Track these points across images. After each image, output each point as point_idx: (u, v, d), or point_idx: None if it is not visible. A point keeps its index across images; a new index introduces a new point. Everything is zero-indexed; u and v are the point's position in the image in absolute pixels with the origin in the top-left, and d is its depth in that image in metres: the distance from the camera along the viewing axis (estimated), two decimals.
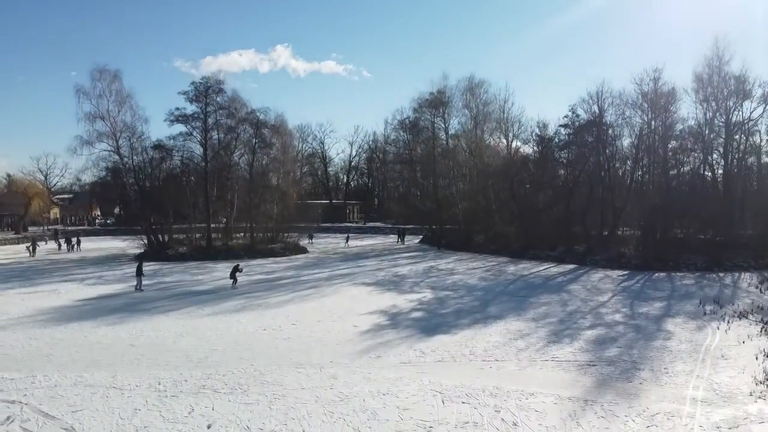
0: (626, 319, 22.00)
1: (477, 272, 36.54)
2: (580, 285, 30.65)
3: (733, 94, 49.54)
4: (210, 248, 45.48)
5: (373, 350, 17.67)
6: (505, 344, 18.29)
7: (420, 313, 23.70)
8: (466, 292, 28.75)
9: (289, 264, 41.90)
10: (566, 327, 20.74)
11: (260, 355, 17.19)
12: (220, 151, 46.56)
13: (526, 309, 24.14)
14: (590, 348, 17.76)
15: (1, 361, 16.74)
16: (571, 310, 23.86)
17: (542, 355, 17.01)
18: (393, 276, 34.87)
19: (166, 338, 19.40)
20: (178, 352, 17.56)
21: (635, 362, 16.12)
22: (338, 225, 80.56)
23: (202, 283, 32.56)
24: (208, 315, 23.39)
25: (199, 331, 20.44)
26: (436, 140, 54.46)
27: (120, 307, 25.07)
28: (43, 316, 23.33)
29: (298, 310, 24.33)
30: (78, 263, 43.66)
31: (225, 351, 17.72)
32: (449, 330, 20.33)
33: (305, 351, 17.57)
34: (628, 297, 26.82)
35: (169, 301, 26.77)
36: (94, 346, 18.36)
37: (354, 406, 12.88)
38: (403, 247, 56.11)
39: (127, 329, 20.76)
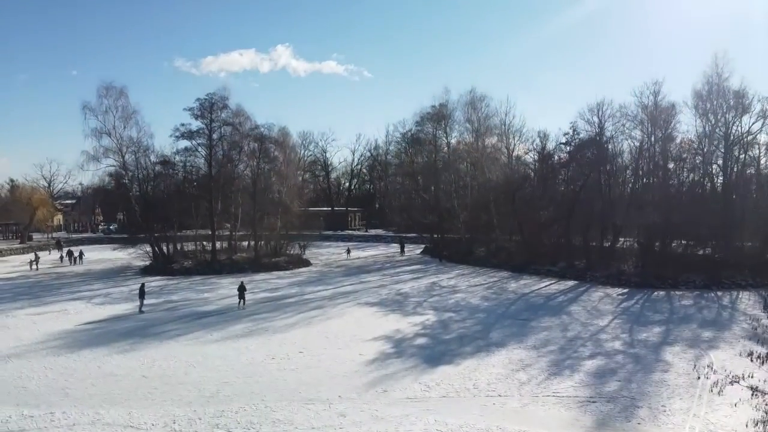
0: (625, 347, 22.51)
1: (479, 290, 37.05)
2: (581, 306, 31.16)
3: (732, 108, 50.21)
4: (214, 262, 46.03)
5: (379, 383, 18.19)
6: (507, 377, 18.81)
7: (424, 339, 24.21)
8: (469, 314, 29.26)
9: (292, 279, 42.41)
10: (567, 356, 21.25)
11: (270, 389, 17.70)
12: (225, 165, 47.06)
13: (527, 335, 24.65)
14: (590, 381, 18.27)
15: (19, 395, 17.28)
16: (572, 336, 24.38)
17: (543, 390, 17.53)
18: (396, 294, 35.37)
19: (177, 369, 19.92)
20: (190, 385, 18.08)
21: (634, 398, 16.62)
22: (340, 233, 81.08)
23: (208, 302, 33.09)
24: (216, 341, 23.91)
25: (209, 360, 20.96)
26: (438, 153, 55.05)
27: (130, 332, 25.60)
28: (56, 342, 23.86)
29: (304, 335, 24.84)
30: (84, 278, 44.18)
31: (235, 384, 18.24)
32: (453, 360, 20.85)
33: (313, 384, 18.08)
34: (627, 321, 27.32)
35: (177, 324, 27.30)
36: (108, 378, 18.88)
37: None
38: (405, 259, 56.59)
39: (138, 358, 21.29)
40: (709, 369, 10.96)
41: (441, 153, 55.47)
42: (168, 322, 27.75)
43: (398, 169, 64.17)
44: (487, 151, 55.09)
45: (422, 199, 55.54)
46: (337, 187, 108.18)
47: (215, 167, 46.33)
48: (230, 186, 48.40)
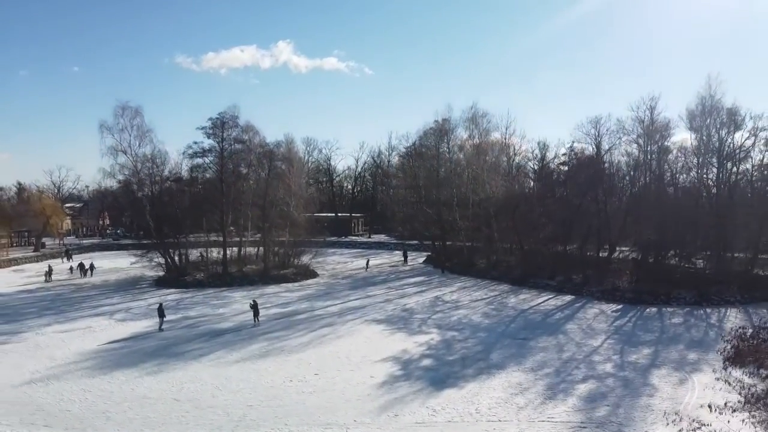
0: (616, 370, 24.33)
1: (480, 305, 38.88)
2: (576, 324, 32.98)
3: (725, 125, 52.10)
4: (226, 275, 47.88)
5: (390, 407, 20.03)
6: (506, 401, 20.64)
7: (429, 360, 26.04)
8: (471, 333, 31.09)
9: (301, 292, 44.26)
10: (561, 380, 23.08)
11: (291, 413, 19.54)
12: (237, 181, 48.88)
13: (525, 356, 26.48)
14: (582, 406, 20.11)
15: (65, 419, 19.14)
16: (567, 358, 26.21)
17: (539, 415, 19.37)
18: (401, 311, 37.19)
19: (204, 392, 21.78)
20: (218, 409, 19.93)
21: (621, 424, 18.45)
22: (344, 240, 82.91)
23: (224, 319, 34.92)
24: (236, 362, 25.77)
25: (232, 383, 22.80)
26: (440, 167, 56.91)
27: (154, 352, 27.47)
28: (88, 363, 25.74)
29: (317, 356, 26.66)
30: (101, 290, 46.06)
31: (259, 408, 20.07)
32: (456, 383, 22.68)
33: (330, 408, 19.91)
34: (619, 341, 29.12)
35: (198, 344, 29.16)
36: (143, 402, 20.73)
37: None
38: (408, 269, 58.41)
39: (167, 380, 23.15)
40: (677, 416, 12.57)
41: (443, 167, 57.32)
42: (189, 341, 29.60)
43: (401, 181, 65.95)
44: (487, 164, 56.81)
45: (424, 212, 57.24)
46: (340, 190, 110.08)
47: (226, 183, 48.11)
48: (240, 200, 50.18)
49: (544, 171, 67.52)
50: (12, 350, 27.99)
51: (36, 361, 25.94)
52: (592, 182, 43.12)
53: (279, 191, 50.19)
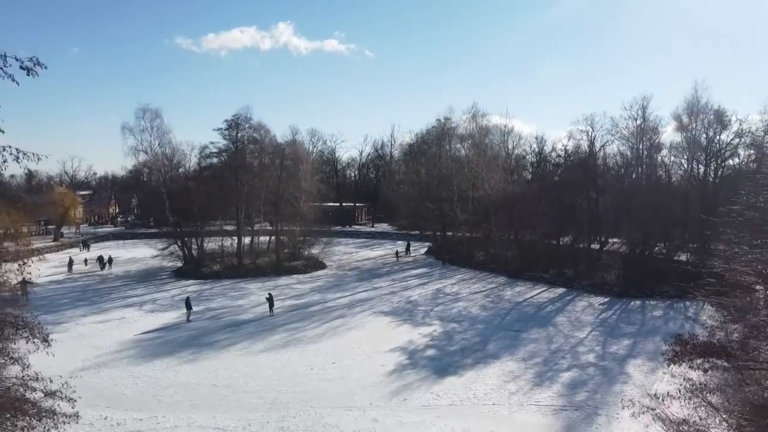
0: (597, 360, 27.64)
1: (478, 297, 42.15)
2: (565, 317, 36.26)
3: (713, 124, 55.06)
4: (241, 267, 51.10)
5: (400, 393, 23.32)
6: (500, 387, 23.94)
7: (432, 350, 29.33)
8: (469, 324, 34.37)
9: (312, 284, 47.50)
10: (548, 368, 26.37)
11: (315, 397, 22.80)
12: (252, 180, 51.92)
13: (518, 347, 29.76)
14: (565, 392, 23.42)
15: (122, 402, 22.40)
16: (555, 349, 29.50)
17: (528, 399, 22.68)
18: (406, 302, 40.44)
19: (237, 378, 25.04)
20: (252, 394, 23.21)
21: (597, 407, 21.76)
22: (348, 229, 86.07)
23: (244, 310, 38.15)
24: (262, 351, 29.05)
25: (261, 370, 26.06)
26: (441, 165, 59.91)
27: (187, 342, 30.74)
28: (129, 351, 29.02)
29: (333, 346, 29.92)
30: (125, 281, 49.31)
31: (287, 392, 23.33)
32: (457, 371, 25.96)
33: (348, 393, 23.19)
34: (603, 333, 32.42)
35: (224, 334, 32.43)
36: (186, 387, 24.00)
37: None
38: (411, 260, 61.64)
39: (204, 368, 26.43)
40: (630, 402, 15.69)
41: (444, 165, 60.31)
42: (215, 332, 32.87)
43: (404, 177, 68.90)
44: (487, 159, 59.74)
45: (426, 207, 60.28)
46: (343, 179, 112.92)
47: (241, 180, 51.12)
48: (253, 195, 53.23)
49: (541, 165, 70.59)
50: (59, 339, 30.60)
51: (84, 350, 29.20)
52: (584, 182, 46.09)
53: (289, 187, 53.11)
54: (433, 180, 60.22)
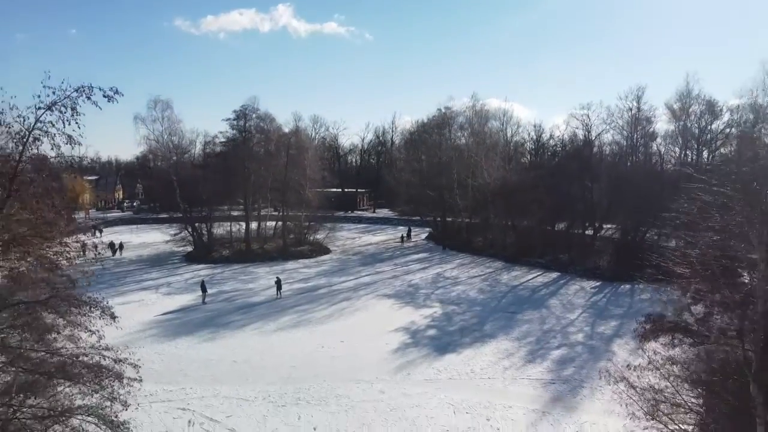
0: (586, 339, 29.92)
1: (476, 281, 44.37)
2: (558, 299, 38.51)
3: (705, 114, 57.00)
4: (249, 252, 53.25)
5: (404, 368, 25.59)
6: (495, 363, 26.21)
7: (433, 330, 31.58)
8: (468, 307, 36.60)
9: (318, 268, 49.68)
10: (540, 347, 28.65)
11: (326, 372, 25.06)
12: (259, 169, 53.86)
13: (513, 327, 32.03)
14: (554, 368, 25.71)
15: (152, 375, 24.53)
16: (547, 329, 31.77)
17: (520, 374, 24.96)
18: (408, 286, 42.64)
19: (254, 355, 27.27)
20: (269, 369, 25.46)
21: (582, 381, 24.05)
22: (350, 215, 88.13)
23: (255, 293, 40.33)
24: (274, 331, 31.28)
25: (275, 349, 28.29)
26: (441, 153, 61.81)
27: (205, 322, 32.97)
28: (153, 331, 31.24)
29: (340, 327, 32.16)
30: (139, 265, 51.48)
31: (302, 368, 25.57)
32: (455, 349, 28.22)
33: (357, 368, 25.45)
34: (592, 315, 34.68)
35: (238, 315, 34.65)
36: (208, 363, 26.24)
37: (399, 414, 20.84)
38: (412, 245, 63.80)
39: (222, 346, 28.66)
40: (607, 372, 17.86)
41: (444, 154, 62.24)
42: (230, 313, 35.09)
43: (405, 164, 70.73)
44: (486, 148, 61.62)
45: (427, 194, 62.24)
46: (345, 165, 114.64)
47: (248, 169, 53.07)
48: (260, 183, 55.23)
49: (539, 152, 72.47)
50: None
51: (109, 330, 31.08)
52: (579, 171, 48.05)
53: (295, 175, 55.03)
54: (434, 168, 62.17)
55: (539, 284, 43.50)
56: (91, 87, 10.42)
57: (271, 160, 53.92)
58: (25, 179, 10.99)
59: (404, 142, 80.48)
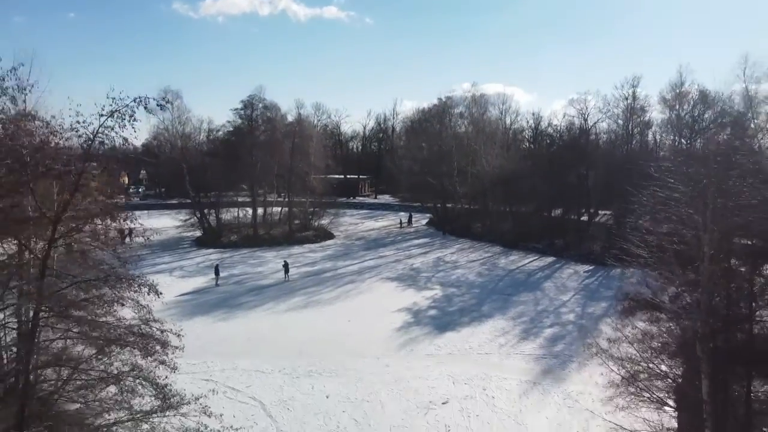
0: (576, 319, 32.02)
1: (475, 265, 46.42)
2: (553, 282, 40.59)
3: (698, 104, 58.68)
4: (256, 237, 55.23)
5: (407, 345, 27.70)
6: (492, 340, 28.31)
7: (434, 311, 33.67)
8: (467, 289, 38.67)
9: (323, 253, 51.70)
10: (534, 326, 30.77)
11: (335, 349, 27.14)
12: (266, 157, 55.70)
13: (509, 308, 34.13)
14: (546, 344, 27.83)
15: None
16: (540, 309, 33.87)
17: (514, 350, 27.08)
18: (410, 270, 44.68)
19: (267, 333, 29.36)
20: (282, 345, 27.55)
21: (570, 356, 26.16)
22: (352, 201, 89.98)
23: (264, 276, 42.38)
24: (285, 311, 33.37)
25: (287, 328, 30.36)
26: (441, 142, 63.59)
27: (218, 303, 35.03)
28: (171, 311, 33.06)
29: (347, 307, 34.23)
30: (151, 249, 53.05)
31: (312, 345, 27.65)
32: (455, 327, 30.33)
33: (364, 345, 27.54)
34: (584, 297, 36.76)
35: (250, 297, 36.73)
36: (226, 340, 28.33)
37: (403, 385, 22.96)
38: (413, 231, 65.77)
39: (237, 325, 30.77)
40: (590, 345, 19.90)
41: (444, 143, 64.02)
42: (242, 295, 37.16)
43: (406, 152, 72.38)
44: (485, 136, 63.38)
45: (427, 182, 64.07)
46: (347, 151, 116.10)
47: (255, 157, 54.90)
48: (266, 171, 57.09)
49: (537, 140, 74.20)
50: None
51: (129, 311, 33.42)
52: (575, 160, 49.88)
53: (300, 163, 56.86)
54: (434, 156, 63.96)
55: (535, 268, 45.56)
56: (147, 98, 12.32)
57: (277, 148, 55.65)
58: (89, 175, 12.90)
59: (405, 130, 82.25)
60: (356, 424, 19.92)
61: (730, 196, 13.07)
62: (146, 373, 14.73)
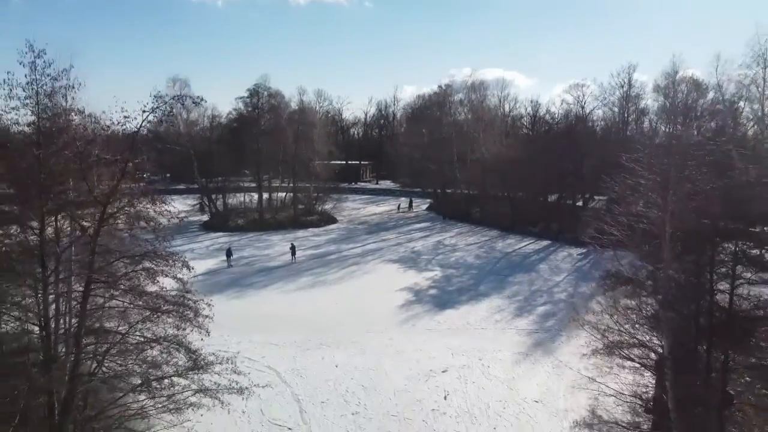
0: (567, 298, 34.04)
1: (473, 248, 48.41)
2: (547, 264, 42.60)
3: (692, 92, 60.30)
4: (262, 221, 57.14)
5: (409, 320, 29.75)
6: (488, 317, 30.35)
7: (434, 290, 35.69)
8: (465, 270, 40.67)
9: (327, 236, 53.65)
10: (528, 303, 32.81)
11: (343, 323, 29.17)
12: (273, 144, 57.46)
13: (504, 287, 36.15)
14: (538, 320, 29.88)
15: None
16: (535, 289, 35.90)
17: (509, 325, 29.12)
18: (411, 252, 46.66)
19: (279, 311, 31.36)
20: (293, 322, 29.54)
21: (560, 330, 28.21)
22: (354, 186, 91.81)
23: (271, 258, 44.37)
24: (294, 290, 35.38)
25: (296, 305, 32.40)
26: (441, 129, 65.24)
27: (231, 283, 37.05)
28: None
29: (352, 287, 36.24)
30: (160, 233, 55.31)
31: (321, 320, 29.68)
32: (454, 305, 32.36)
33: (369, 321, 29.56)
34: (576, 278, 38.75)
35: (260, 277, 38.72)
36: (241, 316, 30.32)
37: (406, 356, 25.00)
38: (413, 215, 67.67)
39: (250, 303, 32.80)
40: (575, 316, 21.88)
41: (444, 129, 65.69)
42: (252, 275, 39.16)
43: (407, 139, 73.99)
44: (483, 124, 65.05)
45: (428, 168, 65.85)
46: (348, 137, 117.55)
47: (261, 144, 56.63)
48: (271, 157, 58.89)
49: (535, 126, 75.83)
50: None
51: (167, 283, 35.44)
52: (570, 147, 51.61)
53: (304, 149, 58.60)
54: (434, 143, 65.65)
55: (531, 251, 47.55)
56: (184, 96, 14.18)
57: (281, 135, 57.33)
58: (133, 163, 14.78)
59: (406, 117, 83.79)
60: (363, 389, 21.99)
61: (688, 183, 14.96)
62: (180, 339, 16.68)
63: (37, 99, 15.09)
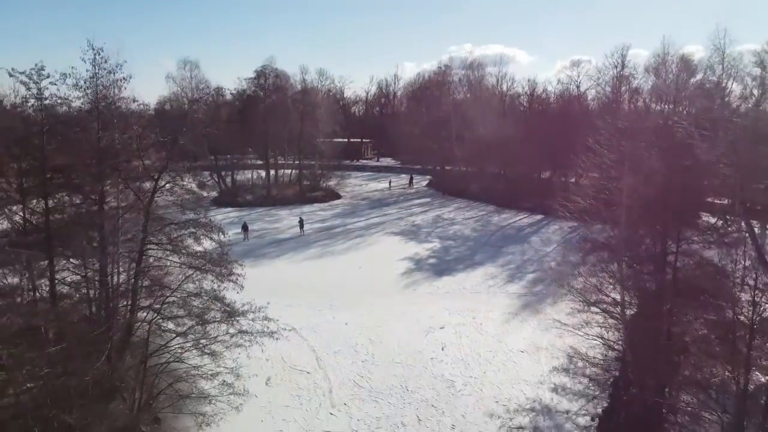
0: (556, 266, 37.02)
1: (470, 222, 51.38)
2: (539, 237, 45.61)
3: (682, 72, 62.60)
4: (270, 197, 59.98)
5: (410, 286, 32.84)
6: (482, 283, 33.43)
7: (433, 260, 38.72)
8: (462, 242, 43.68)
9: (332, 211, 56.53)
10: (519, 271, 35.88)
11: (353, 290, 32.19)
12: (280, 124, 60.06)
13: (498, 257, 39.19)
14: (528, 285, 32.98)
15: None
16: (526, 258, 38.95)
17: (501, 290, 32.21)
18: (411, 226, 49.62)
19: (294, 278, 34.37)
20: (307, 287, 32.58)
21: (547, 294, 31.26)
22: (356, 163, 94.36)
23: (281, 232, 47.32)
24: (305, 260, 38.41)
25: (309, 274, 35.40)
26: (441, 109, 67.66)
27: (245, 253, 39.58)
28: None
29: (357, 257, 39.27)
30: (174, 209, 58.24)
31: (332, 286, 32.70)
32: (451, 273, 35.41)
33: (374, 287, 32.64)
34: (565, 248, 41.58)
35: (272, 248, 41.72)
36: (257, 282, 32.73)
37: (408, 316, 28.11)
38: (414, 191, 70.49)
39: (266, 271, 35.77)
40: (555, 279, 24.93)
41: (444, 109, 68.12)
42: (264, 247, 42.16)
43: (407, 118, 76.35)
44: (482, 103, 67.47)
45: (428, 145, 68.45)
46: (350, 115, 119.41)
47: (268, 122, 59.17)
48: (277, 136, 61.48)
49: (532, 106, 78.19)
50: None
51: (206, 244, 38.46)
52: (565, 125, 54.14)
53: (309, 128, 61.17)
54: (434, 121, 68.13)
55: (524, 225, 50.52)
56: (222, 88, 16.93)
57: (287, 114, 59.83)
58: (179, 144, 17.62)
59: (407, 96, 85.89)
60: (371, 342, 25.12)
61: (643, 160, 17.82)
62: (217, 294, 19.69)
63: (96, 89, 17.89)
